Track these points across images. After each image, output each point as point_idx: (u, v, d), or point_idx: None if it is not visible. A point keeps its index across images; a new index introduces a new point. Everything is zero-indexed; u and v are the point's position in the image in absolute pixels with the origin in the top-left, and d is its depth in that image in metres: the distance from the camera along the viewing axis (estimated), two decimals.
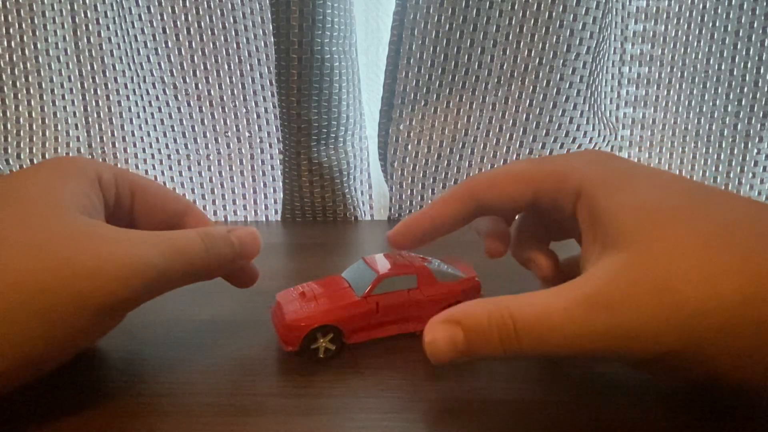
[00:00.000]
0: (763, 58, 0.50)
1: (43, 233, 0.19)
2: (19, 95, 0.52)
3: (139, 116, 0.54)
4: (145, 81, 0.52)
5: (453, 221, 0.25)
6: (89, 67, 0.52)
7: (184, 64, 0.50)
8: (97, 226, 0.21)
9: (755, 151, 0.52)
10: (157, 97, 0.52)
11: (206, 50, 0.49)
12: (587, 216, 0.21)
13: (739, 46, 0.50)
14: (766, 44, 0.49)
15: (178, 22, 0.48)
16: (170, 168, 0.55)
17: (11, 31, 0.50)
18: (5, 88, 0.51)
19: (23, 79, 0.51)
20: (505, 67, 0.48)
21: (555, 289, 0.19)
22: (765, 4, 0.48)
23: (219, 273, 0.25)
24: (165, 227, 0.28)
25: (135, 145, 0.55)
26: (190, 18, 0.48)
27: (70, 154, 0.54)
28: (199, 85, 0.51)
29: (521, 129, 0.50)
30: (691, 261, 0.17)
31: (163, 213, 0.28)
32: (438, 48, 0.48)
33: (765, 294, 0.16)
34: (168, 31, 0.49)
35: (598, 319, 0.17)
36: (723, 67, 0.51)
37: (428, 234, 0.26)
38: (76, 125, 0.54)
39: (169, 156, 0.54)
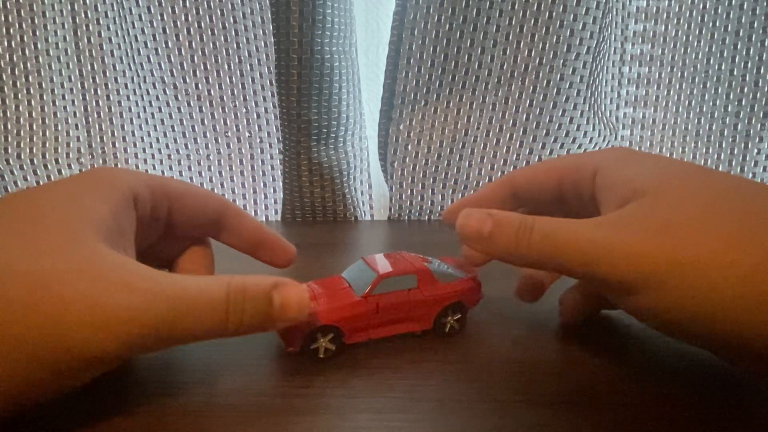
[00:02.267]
0: (763, 58, 0.49)
1: (50, 264, 0.18)
2: (19, 95, 0.52)
3: (139, 116, 0.54)
4: (145, 81, 0.52)
5: (493, 203, 0.29)
6: (89, 67, 0.52)
7: (184, 64, 0.50)
8: (108, 263, 0.19)
9: (755, 151, 0.52)
10: (157, 97, 0.52)
11: (206, 50, 0.49)
12: (603, 184, 0.24)
13: (739, 46, 0.50)
14: (766, 44, 0.49)
15: (178, 23, 0.48)
16: (170, 168, 0.55)
17: (11, 31, 0.50)
18: (5, 88, 0.51)
19: (23, 79, 0.51)
20: (505, 67, 0.48)
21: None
22: (765, 4, 0.48)
23: (243, 335, 0.21)
24: (204, 231, 0.28)
25: (135, 145, 0.55)
26: (190, 18, 0.48)
27: (70, 155, 0.54)
28: (199, 85, 0.51)
29: (521, 129, 0.50)
30: (695, 211, 0.20)
31: (201, 217, 0.27)
32: (438, 48, 0.48)
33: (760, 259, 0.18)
34: (168, 32, 0.49)
35: (601, 231, 0.21)
36: (723, 67, 0.51)
37: None
38: (76, 125, 0.54)
39: (169, 156, 0.54)
